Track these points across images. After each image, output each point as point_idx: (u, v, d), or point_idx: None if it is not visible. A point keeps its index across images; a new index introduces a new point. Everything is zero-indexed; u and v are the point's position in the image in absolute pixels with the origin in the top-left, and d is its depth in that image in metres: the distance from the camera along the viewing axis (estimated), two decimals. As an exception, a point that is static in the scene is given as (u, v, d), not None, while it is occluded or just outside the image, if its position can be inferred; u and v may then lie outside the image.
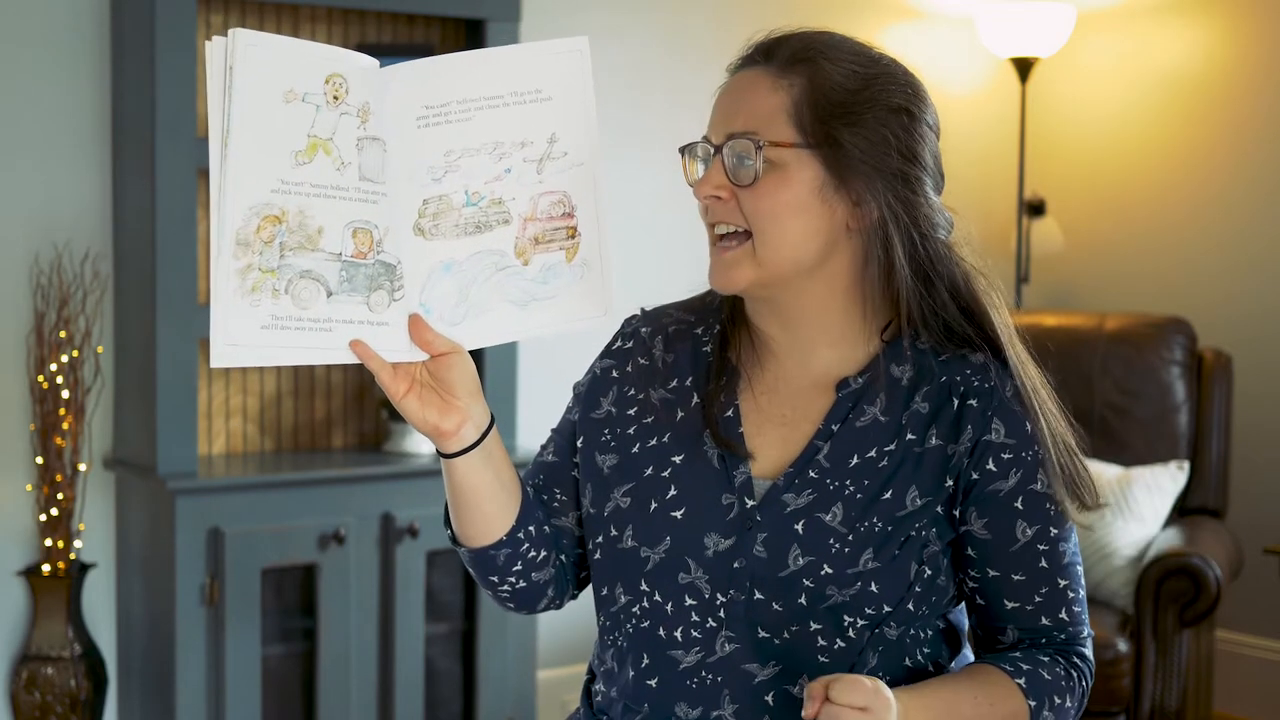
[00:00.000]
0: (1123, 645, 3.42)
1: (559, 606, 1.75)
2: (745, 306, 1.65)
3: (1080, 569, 1.64)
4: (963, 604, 1.66)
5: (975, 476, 1.57)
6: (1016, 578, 1.59)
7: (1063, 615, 1.61)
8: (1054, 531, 1.59)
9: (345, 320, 1.47)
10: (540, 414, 3.71)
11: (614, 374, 1.70)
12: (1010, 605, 1.61)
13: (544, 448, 1.74)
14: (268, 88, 1.43)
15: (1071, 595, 1.61)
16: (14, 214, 3.31)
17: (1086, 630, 1.64)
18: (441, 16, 3.55)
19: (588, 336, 4.42)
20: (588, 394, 1.70)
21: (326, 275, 1.46)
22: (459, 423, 1.54)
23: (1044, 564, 1.59)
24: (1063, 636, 1.62)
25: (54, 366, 3.25)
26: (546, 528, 1.68)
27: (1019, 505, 1.57)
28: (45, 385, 3.25)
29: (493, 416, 1.59)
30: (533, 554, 1.66)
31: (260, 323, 1.43)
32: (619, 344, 1.72)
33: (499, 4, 3.51)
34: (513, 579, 1.67)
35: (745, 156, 1.54)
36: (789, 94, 1.55)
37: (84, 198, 3.38)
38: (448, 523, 1.67)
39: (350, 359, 1.49)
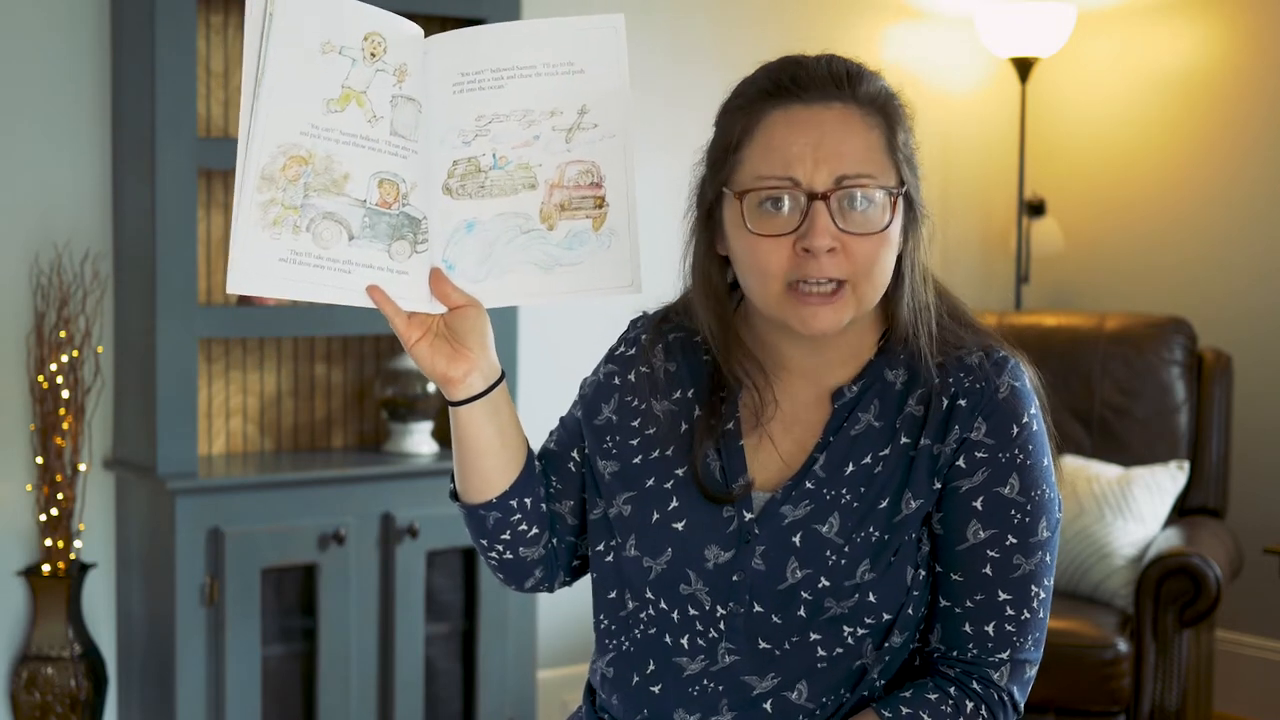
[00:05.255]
0: (1123, 645, 3.42)
1: (549, 590, 1.77)
2: (755, 324, 1.63)
3: (1037, 591, 1.56)
4: None
5: (947, 473, 1.56)
6: (955, 577, 1.56)
7: (988, 630, 1.55)
8: (1011, 541, 1.55)
9: (365, 264, 1.51)
10: (539, 406, 3.71)
11: (615, 380, 1.70)
12: (943, 603, 1.57)
13: (550, 435, 1.76)
14: (305, 37, 1.47)
15: (1010, 613, 1.55)
16: (14, 214, 3.32)
17: (1010, 656, 1.56)
18: (441, 16, 3.55)
19: (590, 331, 4.40)
20: (591, 399, 1.71)
21: (349, 219, 1.50)
22: (466, 371, 1.58)
23: (988, 570, 1.55)
24: (972, 653, 1.56)
25: (54, 366, 3.25)
26: (543, 506, 1.69)
27: (977, 505, 1.55)
28: (45, 385, 3.25)
29: (503, 372, 1.62)
30: (523, 527, 1.67)
31: (279, 255, 1.47)
32: (622, 349, 1.72)
33: (499, 3, 3.52)
34: (500, 547, 1.69)
35: (872, 202, 1.51)
36: (881, 133, 1.53)
37: (84, 198, 3.38)
38: (453, 478, 1.70)
39: (365, 303, 1.52)
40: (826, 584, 1.54)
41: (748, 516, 1.58)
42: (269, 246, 1.47)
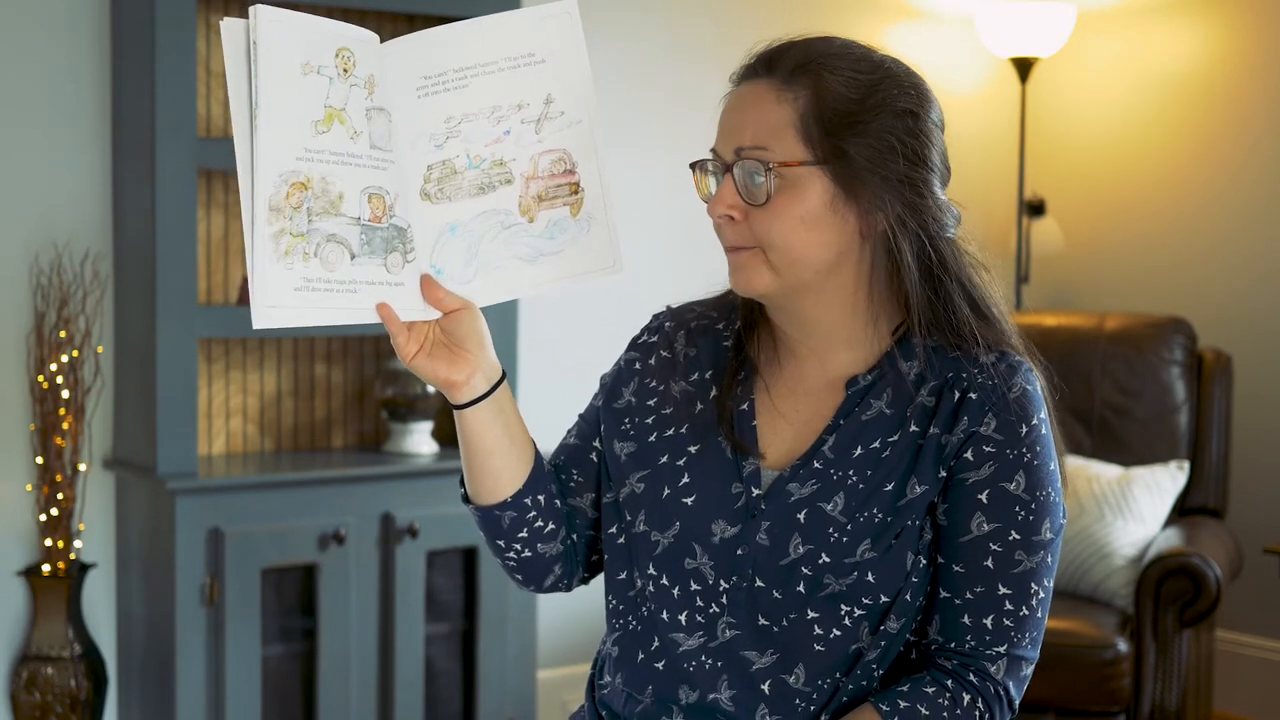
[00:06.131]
0: (1123, 645, 3.42)
1: (567, 588, 1.77)
2: (767, 308, 1.67)
3: (1037, 589, 1.58)
4: None
5: (953, 464, 1.58)
6: (957, 569, 1.58)
7: (986, 623, 1.57)
8: (1014, 537, 1.57)
9: (367, 282, 1.53)
10: (540, 405, 3.71)
11: (636, 366, 1.73)
12: (942, 594, 1.59)
13: (569, 431, 1.77)
14: (288, 61, 1.48)
15: (1009, 608, 1.57)
16: (14, 214, 3.32)
17: (1007, 650, 1.57)
18: (441, 16, 3.56)
19: (589, 330, 4.38)
20: (612, 385, 1.74)
21: (349, 239, 1.51)
22: (469, 374, 1.59)
23: (989, 564, 1.57)
24: (970, 645, 1.57)
25: (54, 366, 3.25)
26: (558, 502, 1.71)
27: (982, 499, 1.57)
28: (45, 385, 3.25)
29: (504, 372, 1.63)
30: (540, 524, 1.69)
31: (293, 285, 1.49)
32: (644, 338, 1.76)
33: (498, 4, 3.52)
34: (518, 546, 1.70)
35: (756, 174, 1.55)
36: (794, 107, 1.55)
37: (84, 198, 3.38)
38: (462, 483, 1.71)
39: (373, 319, 1.54)
40: (827, 560, 1.56)
41: (755, 493, 1.61)
42: (284, 277, 1.48)
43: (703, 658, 1.61)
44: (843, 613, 1.57)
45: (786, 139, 1.55)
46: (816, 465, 1.60)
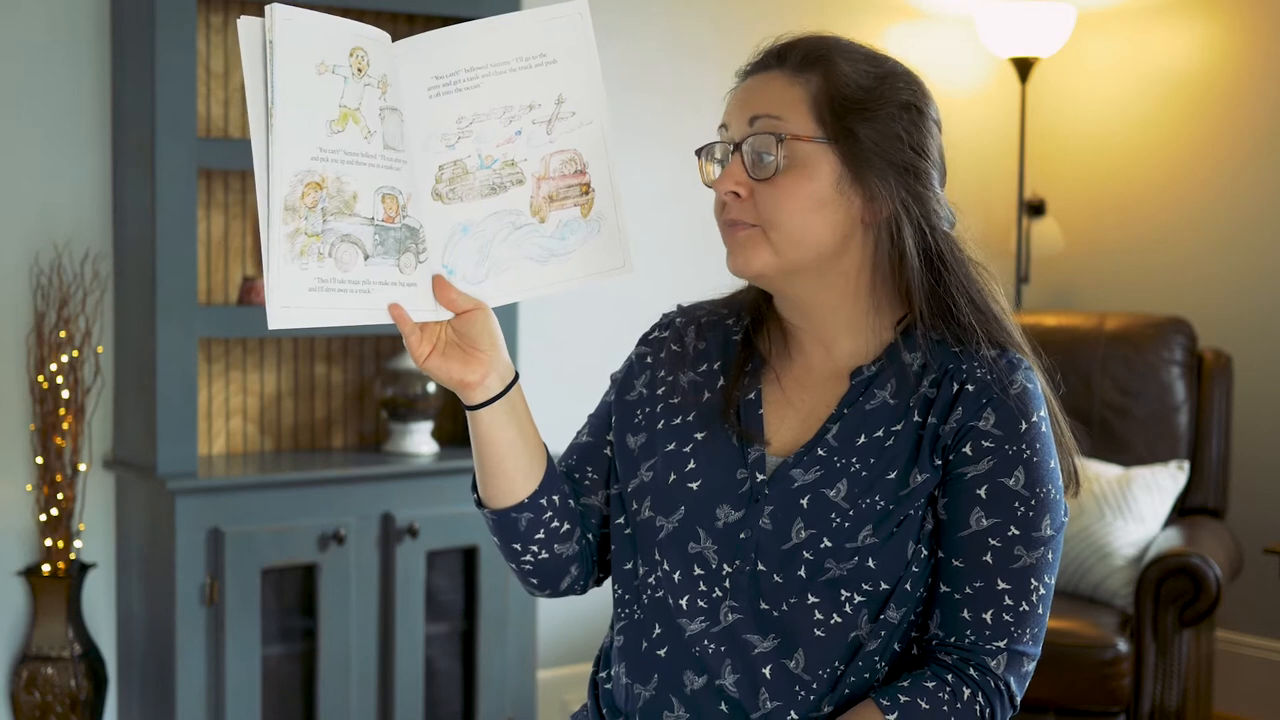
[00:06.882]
0: (1123, 645, 3.42)
1: (582, 590, 1.78)
2: (773, 298, 1.69)
3: (1038, 585, 1.58)
4: None
5: (951, 457, 1.59)
6: (956, 563, 1.59)
7: (985, 617, 1.58)
8: (1013, 532, 1.57)
9: (380, 282, 1.53)
10: (540, 405, 3.71)
11: (648, 359, 1.76)
12: (943, 589, 1.60)
13: (580, 431, 1.79)
14: (303, 60, 1.48)
15: (1009, 603, 1.57)
16: (14, 214, 3.32)
17: (1007, 645, 1.58)
18: (442, 16, 3.56)
19: (592, 330, 4.37)
20: (624, 379, 1.76)
21: (363, 239, 1.52)
22: (483, 374, 1.60)
23: (988, 559, 1.57)
24: (970, 640, 1.58)
25: (54, 366, 3.25)
26: (572, 502, 1.72)
27: (981, 493, 1.58)
28: (45, 385, 3.25)
29: (517, 373, 1.64)
30: (555, 524, 1.70)
31: (308, 285, 1.49)
32: (655, 333, 1.78)
33: (499, 4, 3.52)
34: (535, 547, 1.70)
35: (766, 152, 1.57)
36: (806, 89, 1.59)
37: (84, 198, 3.38)
38: (475, 487, 1.71)
39: (386, 320, 1.54)
40: (828, 545, 1.58)
41: (760, 478, 1.63)
42: (299, 278, 1.48)
43: (706, 642, 1.62)
44: (843, 598, 1.58)
45: (799, 115, 1.58)
46: (820, 452, 1.62)
